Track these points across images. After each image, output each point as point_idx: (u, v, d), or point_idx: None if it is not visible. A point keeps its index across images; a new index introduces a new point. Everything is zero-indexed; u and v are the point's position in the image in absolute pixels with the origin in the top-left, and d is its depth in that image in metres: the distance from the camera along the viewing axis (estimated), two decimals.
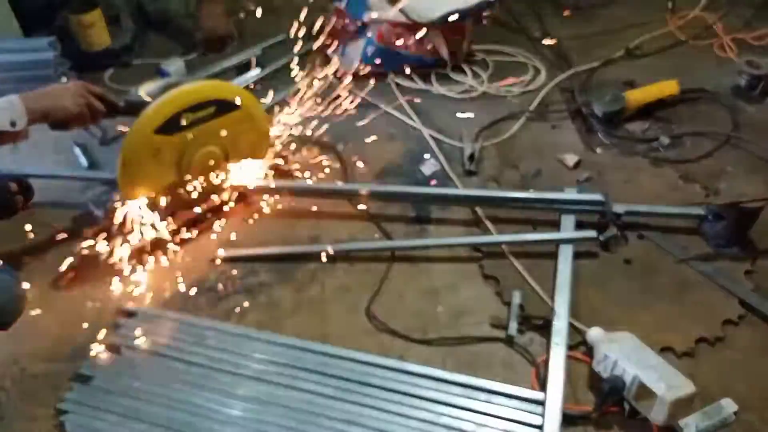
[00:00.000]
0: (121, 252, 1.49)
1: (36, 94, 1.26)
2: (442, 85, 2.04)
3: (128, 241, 1.47)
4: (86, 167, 1.77)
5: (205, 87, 1.46)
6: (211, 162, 1.50)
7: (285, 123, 1.76)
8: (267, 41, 2.22)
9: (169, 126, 1.39)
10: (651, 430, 1.17)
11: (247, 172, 1.61)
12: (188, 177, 1.47)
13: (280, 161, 1.70)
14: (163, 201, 1.47)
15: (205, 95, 1.43)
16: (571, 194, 1.59)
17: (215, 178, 1.53)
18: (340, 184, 1.70)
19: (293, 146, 1.80)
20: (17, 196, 1.55)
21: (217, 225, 1.60)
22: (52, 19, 2.15)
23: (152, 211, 1.47)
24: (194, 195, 1.52)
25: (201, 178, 1.50)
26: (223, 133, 1.48)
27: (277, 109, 1.80)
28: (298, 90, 1.90)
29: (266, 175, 1.65)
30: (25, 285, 1.26)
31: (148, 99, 1.39)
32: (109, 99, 1.38)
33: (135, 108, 1.40)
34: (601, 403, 1.19)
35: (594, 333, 1.28)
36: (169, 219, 1.52)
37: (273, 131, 1.68)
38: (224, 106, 1.46)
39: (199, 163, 1.48)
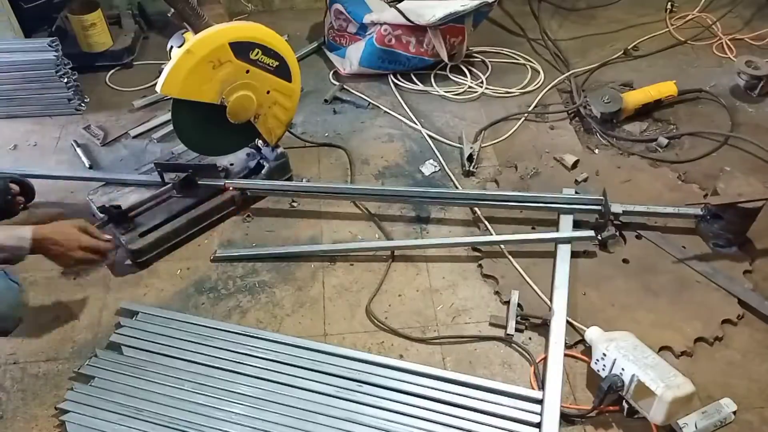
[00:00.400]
0: (122, 252, 1.50)
1: (47, 239, 1.25)
2: (442, 86, 2.05)
3: (130, 241, 1.48)
4: (87, 167, 1.78)
5: (285, 45, 1.48)
6: (245, 108, 1.48)
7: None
8: None
9: (242, 48, 1.40)
10: (650, 429, 1.18)
11: (247, 174, 1.62)
12: (220, 103, 1.43)
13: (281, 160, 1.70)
14: None
15: (281, 48, 1.46)
16: (569, 194, 1.60)
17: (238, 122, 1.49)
18: (340, 184, 1.70)
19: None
20: (18, 197, 1.56)
21: (218, 225, 1.60)
22: (53, 19, 2.15)
23: (153, 209, 1.47)
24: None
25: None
26: (269, 92, 1.50)
27: None
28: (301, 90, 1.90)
29: (268, 175, 1.65)
30: (24, 289, 1.27)
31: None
32: (101, 248, 1.34)
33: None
34: (599, 402, 1.19)
35: (592, 332, 1.29)
36: (172, 218, 1.52)
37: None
38: (285, 71, 1.49)
39: (237, 101, 1.46)
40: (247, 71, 1.43)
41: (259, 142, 1.64)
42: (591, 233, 1.49)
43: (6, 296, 1.20)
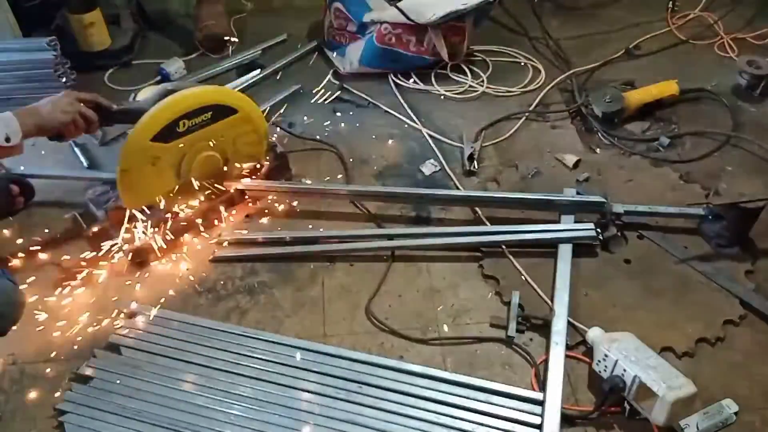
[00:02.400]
0: (122, 252, 1.50)
1: (29, 109, 1.28)
2: (442, 86, 2.04)
3: (129, 241, 1.47)
4: (86, 167, 1.77)
5: (201, 93, 1.46)
6: (211, 167, 1.51)
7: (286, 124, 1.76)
8: (267, 42, 2.23)
9: (166, 133, 1.39)
10: (651, 430, 1.17)
11: (247, 174, 1.61)
12: (188, 182, 1.48)
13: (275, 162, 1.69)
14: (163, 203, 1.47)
15: (201, 101, 1.43)
16: (570, 194, 1.59)
17: (215, 182, 1.54)
18: (340, 185, 1.69)
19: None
20: (18, 197, 1.55)
21: (218, 225, 1.60)
22: (52, 18, 2.15)
23: (152, 209, 1.47)
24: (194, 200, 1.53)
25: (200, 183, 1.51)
26: (222, 137, 1.49)
27: (277, 109, 1.80)
28: (300, 90, 1.90)
29: (267, 175, 1.65)
30: (23, 287, 1.26)
31: (145, 106, 1.39)
32: (102, 104, 1.38)
33: (130, 114, 1.41)
34: (601, 403, 1.19)
35: (594, 333, 1.28)
36: (171, 219, 1.52)
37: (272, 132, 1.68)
38: (221, 111, 1.46)
39: (199, 168, 1.49)
40: (183, 145, 1.43)
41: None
42: (591, 227, 1.48)
43: (3, 295, 1.20)
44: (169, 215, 1.51)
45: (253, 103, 1.55)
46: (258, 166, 1.61)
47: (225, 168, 1.55)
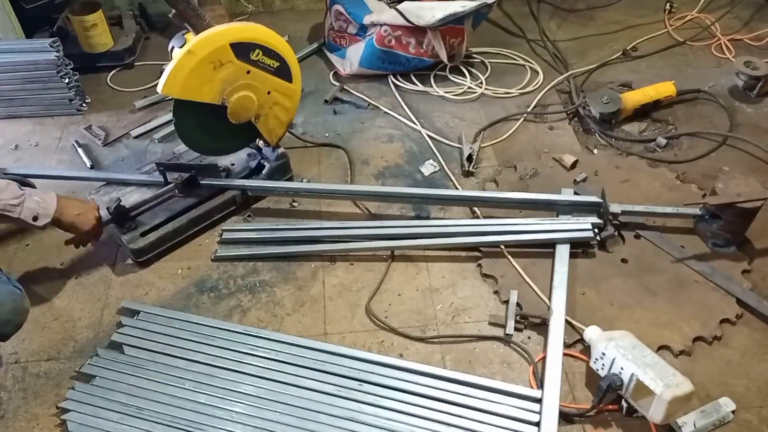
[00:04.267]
0: (124, 251, 1.51)
1: (71, 204, 1.37)
2: (441, 87, 2.05)
3: (131, 240, 1.48)
4: (89, 167, 1.79)
5: (286, 45, 1.49)
6: (246, 108, 1.48)
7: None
8: None
9: (243, 49, 1.40)
10: (648, 428, 1.18)
11: (248, 174, 1.62)
12: (221, 104, 1.44)
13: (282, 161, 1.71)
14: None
15: (282, 49, 1.46)
16: (568, 195, 1.60)
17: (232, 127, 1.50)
18: (340, 185, 1.71)
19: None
20: None
21: (220, 224, 1.61)
22: (54, 20, 2.16)
23: (154, 209, 1.48)
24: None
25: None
26: (269, 92, 1.50)
27: None
28: (303, 91, 1.90)
29: (268, 175, 1.66)
30: (25, 294, 1.28)
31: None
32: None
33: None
34: (598, 401, 1.20)
35: (591, 331, 1.29)
36: (173, 218, 1.53)
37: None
38: (286, 71, 1.49)
39: (238, 101, 1.46)
40: (248, 72, 1.44)
41: (260, 143, 1.64)
42: (588, 225, 1.49)
43: (8, 301, 1.21)
44: (169, 217, 1.52)
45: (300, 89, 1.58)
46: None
47: (252, 120, 1.52)
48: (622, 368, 1.18)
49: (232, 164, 1.67)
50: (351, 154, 1.82)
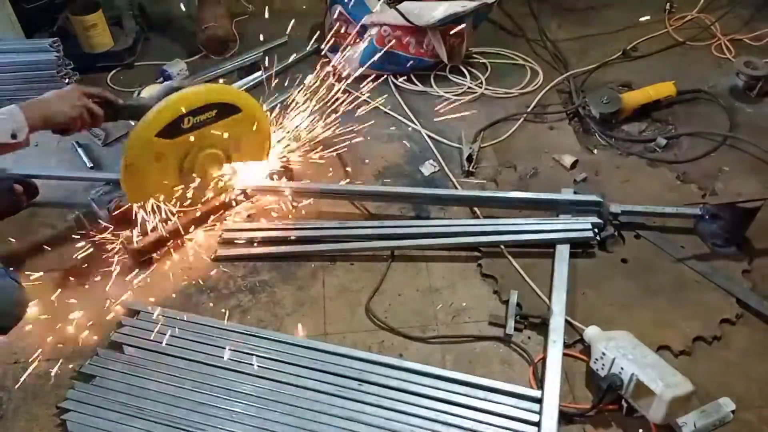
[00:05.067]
0: (124, 251, 1.51)
1: (35, 102, 1.26)
2: (441, 87, 2.05)
3: (131, 241, 1.48)
4: (89, 167, 1.79)
5: (206, 90, 1.47)
6: (214, 165, 1.52)
7: (287, 124, 1.77)
8: (269, 43, 2.24)
9: (171, 130, 1.40)
10: (649, 428, 1.18)
11: (249, 173, 1.62)
12: (191, 179, 1.49)
13: (282, 162, 1.70)
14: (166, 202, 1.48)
15: (205, 98, 1.44)
16: (568, 194, 1.60)
17: (218, 180, 1.55)
18: (340, 185, 1.71)
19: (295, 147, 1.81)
20: (21, 197, 1.57)
21: (220, 225, 1.61)
22: (54, 20, 2.16)
23: (155, 209, 1.48)
24: (197, 196, 1.54)
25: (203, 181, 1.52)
26: (225, 135, 1.50)
27: (279, 110, 1.81)
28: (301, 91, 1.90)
29: (268, 175, 1.66)
30: (24, 287, 1.27)
31: (150, 102, 1.40)
32: (109, 99, 1.38)
33: (135, 110, 1.41)
34: (598, 401, 1.20)
35: (591, 331, 1.29)
36: (172, 218, 1.53)
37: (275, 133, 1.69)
38: (225, 109, 1.47)
39: (202, 166, 1.50)
40: (192, 138, 1.44)
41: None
42: (589, 226, 1.48)
43: (6, 294, 1.20)
44: (171, 215, 1.52)
45: (257, 103, 1.56)
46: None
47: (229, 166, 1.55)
48: (622, 368, 1.18)
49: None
50: (350, 154, 1.81)
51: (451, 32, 2.00)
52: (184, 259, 1.54)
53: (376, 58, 2.01)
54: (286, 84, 1.96)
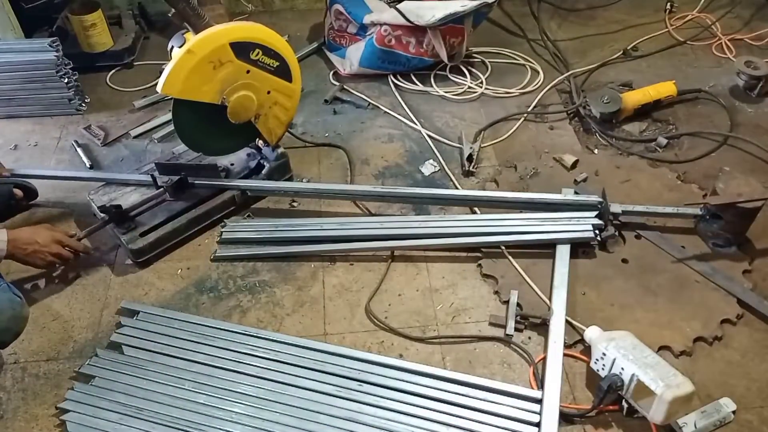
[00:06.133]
0: (124, 251, 1.50)
1: (22, 239, 1.34)
2: (441, 87, 2.05)
3: (131, 241, 1.48)
4: (88, 167, 1.78)
5: (286, 45, 1.48)
6: (245, 108, 1.48)
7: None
8: None
9: (243, 49, 1.40)
10: (649, 428, 1.18)
11: (248, 174, 1.62)
12: (220, 103, 1.44)
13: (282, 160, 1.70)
14: None
15: (282, 48, 1.46)
16: (568, 194, 1.60)
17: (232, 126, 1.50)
18: (340, 185, 1.70)
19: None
20: (21, 201, 1.57)
21: (219, 225, 1.61)
22: (54, 19, 2.16)
23: (153, 209, 1.48)
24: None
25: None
26: (269, 92, 1.50)
27: None
28: (303, 90, 1.90)
29: (268, 175, 1.66)
30: (25, 302, 1.28)
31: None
32: (79, 252, 1.44)
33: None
34: (599, 402, 1.19)
35: (592, 332, 1.29)
36: (172, 218, 1.53)
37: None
38: (285, 71, 1.49)
39: (237, 101, 1.46)
40: (248, 71, 1.43)
41: (260, 142, 1.64)
42: (589, 226, 1.48)
43: (7, 309, 1.20)
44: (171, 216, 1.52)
45: (300, 88, 1.57)
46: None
47: (252, 120, 1.52)
48: (622, 369, 1.17)
49: (232, 164, 1.66)
50: (351, 154, 1.81)
51: (451, 32, 2.00)
52: (183, 259, 1.53)
53: (376, 57, 2.01)
54: None
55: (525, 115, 1.94)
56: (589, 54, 2.19)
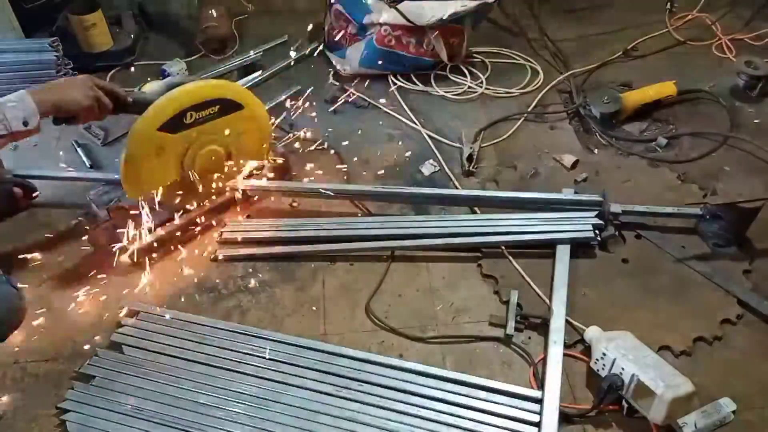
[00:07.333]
0: (124, 251, 1.50)
1: (46, 87, 1.23)
2: (441, 87, 2.05)
3: (131, 241, 1.48)
4: (88, 167, 1.78)
5: (209, 86, 1.47)
6: (214, 161, 1.51)
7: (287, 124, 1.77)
8: (268, 43, 2.24)
9: (173, 124, 1.40)
10: (649, 428, 1.18)
11: (249, 173, 1.62)
12: (191, 175, 1.48)
13: (281, 161, 1.70)
14: (165, 197, 1.48)
15: (208, 94, 1.44)
16: (568, 194, 1.60)
17: (217, 177, 1.54)
18: (340, 185, 1.70)
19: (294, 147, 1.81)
20: (21, 201, 1.57)
21: (219, 225, 1.61)
22: (54, 19, 2.16)
23: (155, 209, 1.48)
24: (197, 193, 1.53)
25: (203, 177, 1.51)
26: (227, 132, 1.49)
27: (279, 109, 1.81)
28: (300, 90, 1.90)
29: (267, 175, 1.66)
30: (23, 287, 1.27)
31: (154, 97, 1.39)
32: (117, 93, 1.36)
33: (142, 105, 1.40)
34: (599, 402, 1.19)
35: (592, 332, 1.29)
36: (172, 218, 1.53)
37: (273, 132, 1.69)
38: (228, 106, 1.47)
39: (202, 162, 1.49)
40: (194, 134, 1.44)
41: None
42: (589, 226, 1.48)
43: (5, 302, 1.20)
44: (171, 215, 1.52)
45: (259, 101, 1.56)
46: (260, 165, 1.62)
47: (228, 163, 1.55)
48: (622, 369, 1.17)
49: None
50: (350, 154, 1.81)
51: (451, 32, 2.00)
52: (183, 259, 1.53)
53: (376, 57, 2.01)
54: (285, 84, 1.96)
55: (525, 115, 1.94)
56: (589, 54, 2.19)
